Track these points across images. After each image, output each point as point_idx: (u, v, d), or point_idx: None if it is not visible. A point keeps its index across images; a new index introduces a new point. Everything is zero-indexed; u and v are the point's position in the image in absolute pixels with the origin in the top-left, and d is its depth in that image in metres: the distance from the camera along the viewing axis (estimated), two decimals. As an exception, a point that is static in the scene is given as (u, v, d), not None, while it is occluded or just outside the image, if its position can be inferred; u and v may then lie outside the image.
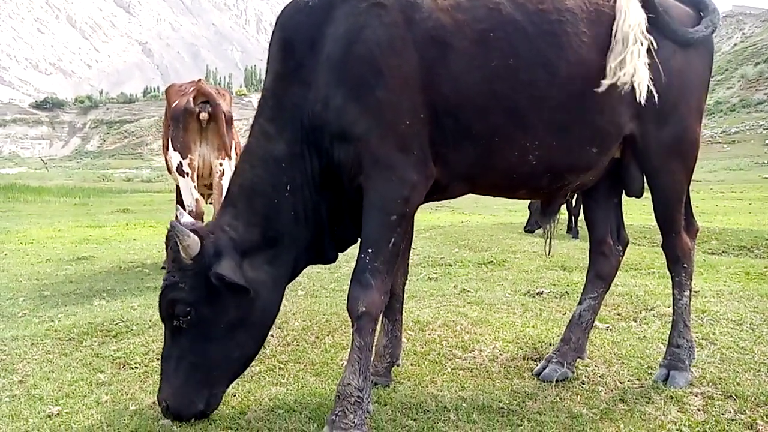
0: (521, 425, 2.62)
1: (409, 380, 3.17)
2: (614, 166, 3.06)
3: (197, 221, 3.17)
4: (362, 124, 2.51)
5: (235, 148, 6.80)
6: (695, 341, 3.39)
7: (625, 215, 3.41)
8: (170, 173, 6.71)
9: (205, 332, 2.59)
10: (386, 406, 2.83)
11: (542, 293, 5.10)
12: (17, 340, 3.94)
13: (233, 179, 2.80)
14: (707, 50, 3.11)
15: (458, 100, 2.58)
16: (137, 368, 3.41)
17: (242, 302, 2.58)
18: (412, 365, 3.38)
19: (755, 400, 2.81)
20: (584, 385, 3.08)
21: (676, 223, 3.09)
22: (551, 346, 3.54)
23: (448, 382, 3.14)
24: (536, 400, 2.89)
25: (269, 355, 3.54)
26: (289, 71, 2.67)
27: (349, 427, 2.43)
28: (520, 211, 12.49)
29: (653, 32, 2.82)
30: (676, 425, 2.60)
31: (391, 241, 2.54)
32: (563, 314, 4.39)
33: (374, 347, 2.75)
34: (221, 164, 6.51)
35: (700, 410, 2.75)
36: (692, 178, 3.18)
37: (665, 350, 3.18)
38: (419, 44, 2.53)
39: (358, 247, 2.63)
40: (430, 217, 13.66)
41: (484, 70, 2.58)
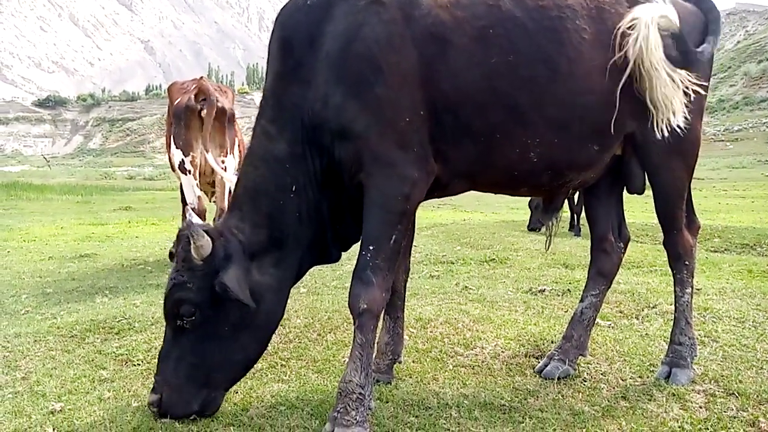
0: (523, 422, 2.62)
1: (410, 377, 3.18)
2: (615, 163, 3.06)
3: (207, 222, 3.17)
4: (362, 121, 2.51)
5: (238, 145, 6.80)
6: (698, 339, 3.40)
7: (627, 213, 3.41)
8: (173, 171, 6.71)
9: (208, 334, 2.59)
10: (388, 403, 2.84)
11: (544, 291, 5.10)
12: (20, 336, 3.95)
13: (238, 182, 2.79)
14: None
15: (458, 97, 2.58)
16: (139, 365, 3.42)
17: (245, 307, 2.56)
18: (413, 362, 3.38)
19: (757, 397, 2.81)
20: (586, 382, 3.08)
21: (677, 220, 3.08)
22: (553, 343, 3.54)
23: (449, 379, 3.14)
24: (538, 397, 2.90)
25: (271, 352, 3.55)
26: (288, 70, 2.67)
27: (350, 423, 2.44)
28: (522, 208, 12.46)
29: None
30: (678, 422, 2.60)
31: (392, 238, 2.54)
32: (565, 312, 4.39)
33: (376, 344, 2.76)
34: (223, 161, 6.51)
35: (702, 407, 2.75)
36: (694, 175, 3.18)
37: (667, 347, 3.18)
38: (418, 41, 2.52)
39: (359, 244, 2.63)
40: (432, 214, 13.64)
41: (483, 66, 2.58)
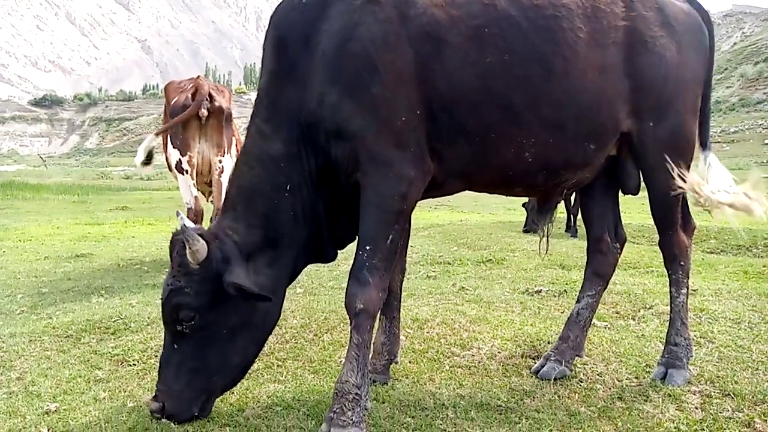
0: (519, 423, 2.62)
1: (407, 378, 3.18)
2: (611, 163, 3.06)
3: (200, 225, 3.14)
4: (358, 120, 2.50)
5: (235, 144, 6.78)
6: (694, 340, 3.40)
7: (623, 214, 3.42)
8: (170, 170, 6.69)
9: (207, 337, 2.57)
10: (384, 403, 2.84)
11: (541, 291, 5.10)
12: (15, 336, 3.94)
13: (231, 181, 2.77)
14: (703, 46, 3.11)
15: (453, 96, 2.57)
16: (135, 365, 3.41)
17: (246, 308, 2.57)
18: (410, 363, 3.38)
19: (753, 398, 2.82)
20: (582, 383, 3.08)
21: (672, 220, 3.09)
22: (549, 344, 3.54)
23: (446, 379, 3.14)
24: (534, 398, 2.90)
25: (267, 352, 3.54)
26: (283, 69, 2.66)
27: (347, 424, 2.43)
28: (519, 209, 12.46)
29: (654, 27, 2.82)
30: (674, 423, 2.60)
31: (388, 238, 2.54)
32: (562, 312, 4.39)
33: (372, 345, 2.75)
34: (220, 161, 6.49)
35: (697, 408, 2.76)
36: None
37: (663, 348, 3.19)
38: (413, 40, 2.52)
39: (356, 244, 2.62)
40: (429, 215, 13.64)
41: (478, 66, 2.58)
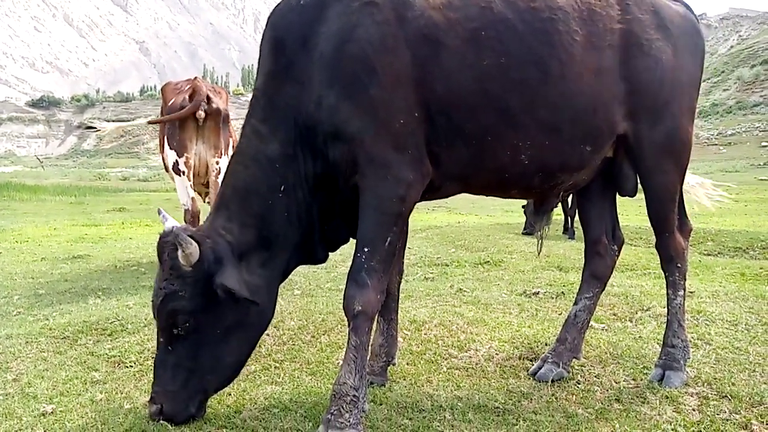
0: (517, 425, 2.62)
1: (404, 379, 3.17)
2: (607, 165, 3.07)
3: (189, 225, 3.12)
4: (356, 123, 2.50)
5: (232, 146, 6.77)
6: (691, 341, 3.40)
7: (621, 216, 3.42)
8: (167, 172, 6.68)
9: (203, 338, 2.56)
10: (382, 405, 2.83)
11: (538, 293, 5.10)
12: (11, 338, 3.92)
13: (225, 181, 2.75)
14: (699, 49, 3.12)
15: (450, 98, 2.57)
16: (132, 367, 3.40)
17: (240, 308, 2.55)
18: (408, 365, 3.38)
19: (750, 400, 2.82)
20: (580, 384, 3.08)
21: (669, 222, 3.09)
22: (547, 346, 3.54)
23: (443, 381, 3.14)
24: (532, 399, 2.90)
25: (265, 354, 3.54)
26: (281, 70, 2.65)
27: (344, 426, 2.42)
28: (516, 211, 12.47)
29: (649, 29, 2.84)
30: (671, 425, 2.60)
31: (387, 240, 2.53)
32: (559, 314, 4.39)
33: (370, 346, 2.75)
34: (218, 162, 6.49)
35: (695, 410, 2.76)
36: (685, 178, 3.19)
37: (660, 350, 3.19)
38: (411, 42, 2.52)
39: (354, 246, 2.62)
40: (427, 217, 13.64)
41: (475, 68, 2.58)
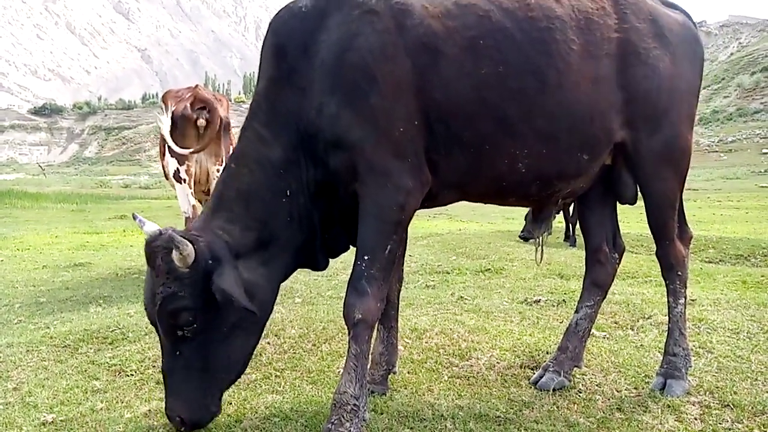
0: (518, 434, 2.61)
1: (405, 388, 3.16)
2: (606, 173, 3.07)
3: (174, 227, 3.09)
4: (357, 131, 2.51)
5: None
6: (692, 350, 3.39)
7: (621, 223, 3.42)
8: (167, 179, 6.69)
9: (209, 336, 2.52)
10: (383, 414, 2.82)
11: (539, 301, 5.10)
12: (12, 346, 3.92)
13: (227, 183, 2.73)
14: (697, 57, 3.12)
15: (449, 107, 2.58)
16: (133, 375, 3.39)
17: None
18: (408, 373, 3.37)
19: (752, 409, 2.81)
20: (581, 393, 3.07)
21: (669, 230, 3.09)
22: (548, 354, 3.53)
23: (445, 390, 3.13)
24: (533, 408, 2.89)
25: (265, 362, 3.53)
26: (283, 76, 2.66)
27: (345, 435, 2.42)
28: (518, 219, 12.47)
29: (647, 38, 2.84)
30: (673, 434, 2.59)
31: (387, 248, 2.54)
32: (560, 322, 4.38)
33: (371, 355, 2.74)
34: (218, 170, 6.49)
35: (697, 419, 2.75)
36: (688, 186, 3.19)
37: (662, 359, 3.18)
38: (411, 50, 2.54)
39: (354, 254, 2.62)
40: (427, 224, 13.64)
41: (473, 77, 2.59)
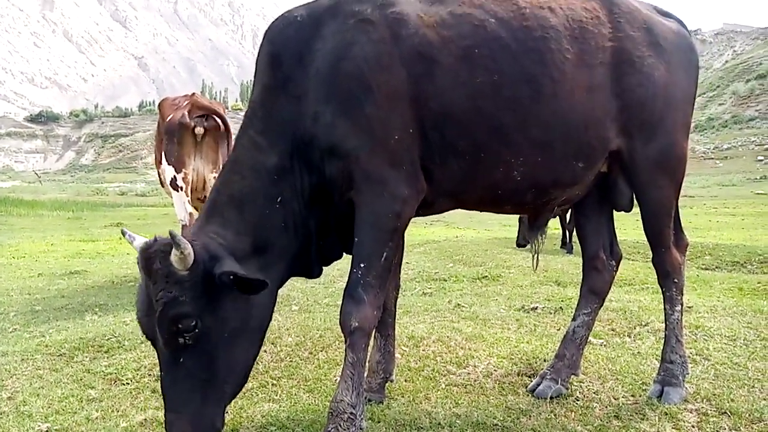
0: (515, 442, 2.61)
1: (403, 396, 3.15)
2: (602, 180, 3.08)
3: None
4: (352, 139, 2.52)
5: (229, 161, 6.78)
6: (689, 357, 3.40)
7: (618, 230, 3.43)
8: (163, 187, 6.69)
9: (211, 344, 2.38)
10: (380, 422, 2.81)
11: (537, 308, 5.09)
12: (7, 355, 3.90)
13: (220, 189, 2.69)
14: (692, 65, 3.14)
15: (444, 116, 2.59)
16: (128, 384, 3.38)
17: (242, 304, 2.43)
18: (406, 381, 3.36)
19: (750, 416, 2.80)
20: (579, 401, 3.07)
21: (665, 237, 3.10)
22: (546, 362, 3.53)
23: (442, 398, 3.12)
24: (531, 416, 2.88)
25: (262, 371, 3.52)
26: (278, 84, 2.67)
27: (342, 444, 2.40)
28: (514, 226, 12.47)
29: (642, 46, 2.86)
30: (670, 442, 2.59)
31: (383, 255, 2.54)
32: (558, 329, 4.38)
33: (367, 363, 2.73)
34: (215, 178, 6.48)
35: (694, 427, 2.74)
36: (684, 193, 3.19)
37: (659, 366, 3.18)
38: (406, 60, 2.55)
39: (350, 262, 2.62)
40: (424, 231, 13.64)
41: (468, 86, 2.60)
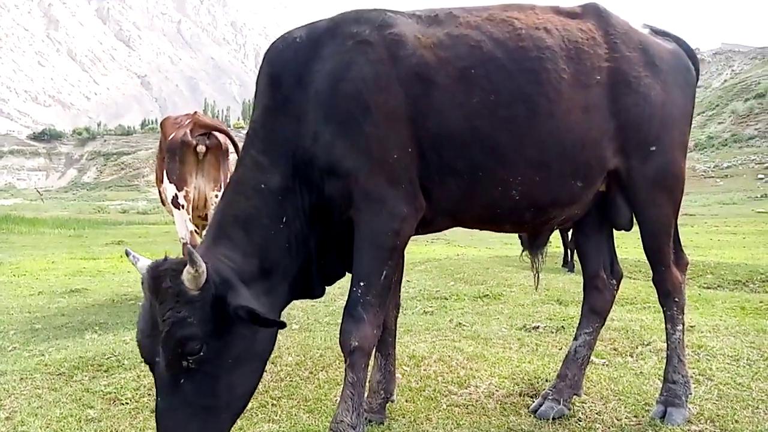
0: (517, 464, 2.58)
1: (403, 417, 3.13)
2: (601, 199, 3.09)
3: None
4: (351, 159, 2.54)
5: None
6: (692, 377, 3.37)
7: (619, 249, 3.42)
8: (164, 205, 6.70)
9: (215, 368, 2.32)
10: (380, 443, 2.79)
11: (538, 328, 5.07)
12: (5, 374, 3.88)
13: (225, 210, 2.69)
14: (689, 84, 3.15)
15: (441, 136, 2.62)
16: (128, 404, 3.36)
17: (248, 331, 2.38)
18: (406, 401, 3.34)
19: (754, 437, 2.78)
20: (581, 422, 3.04)
21: (664, 256, 3.10)
22: (548, 381, 3.50)
23: (443, 419, 3.09)
24: (532, 437, 2.85)
25: (262, 391, 3.49)
26: (278, 105, 2.70)
27: (342, 465, 2.38)
28: (516, 244, 12.46)
29: (638, 67, 2.88)
30: (674, 464, 2.56)
31: (382, 274, 2.54)
32: (559, 349, 4.36)
33: (368, 383, 2.72)
34: (217, 196, 6.51)
35: (698, 448, 2.71)
36: (685, 212, 3.20)
37: (662, 386, 3.15)
38: (403, 80, 2.58)
39: (350, 281, 2.62)
40: (425, 249, 13.63)
41: (465, 106, 2.63)
